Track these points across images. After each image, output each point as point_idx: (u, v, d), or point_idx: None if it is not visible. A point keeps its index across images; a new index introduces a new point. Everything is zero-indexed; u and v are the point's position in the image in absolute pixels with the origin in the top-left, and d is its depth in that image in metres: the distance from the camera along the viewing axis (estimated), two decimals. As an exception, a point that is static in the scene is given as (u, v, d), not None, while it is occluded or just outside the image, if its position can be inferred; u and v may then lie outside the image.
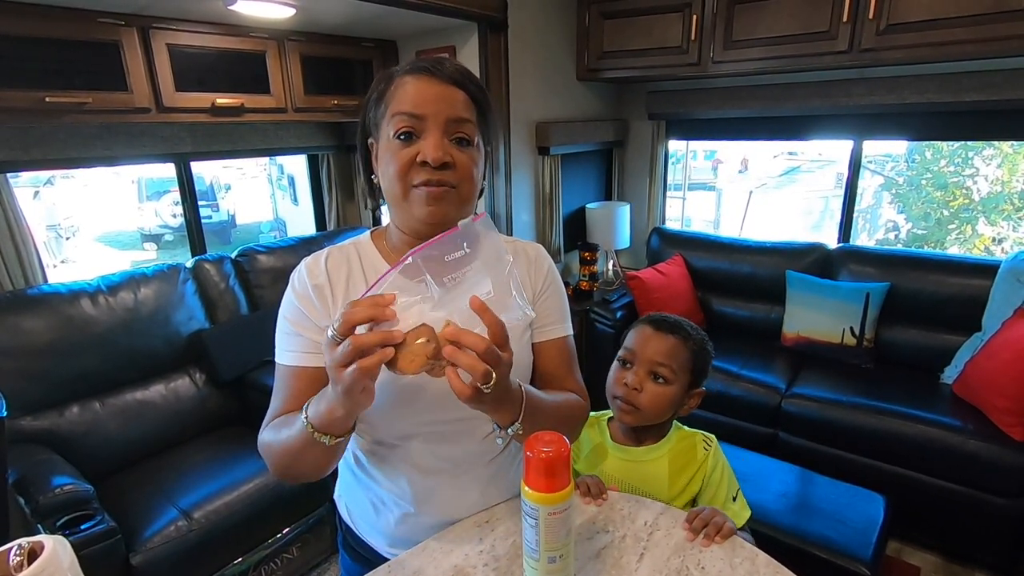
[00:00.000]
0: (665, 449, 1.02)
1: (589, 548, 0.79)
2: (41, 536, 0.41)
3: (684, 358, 1.00)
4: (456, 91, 0.74)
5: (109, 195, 9.02)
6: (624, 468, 1.01)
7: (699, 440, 1.03)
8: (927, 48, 2.03)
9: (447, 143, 0.73)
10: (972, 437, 1.88)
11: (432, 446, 0.82)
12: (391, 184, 0.75)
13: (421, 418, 0.80)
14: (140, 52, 1.87)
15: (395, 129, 0.73)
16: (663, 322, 1.02)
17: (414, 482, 0.82)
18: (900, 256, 2.46)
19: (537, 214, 2.83)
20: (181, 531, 1.60)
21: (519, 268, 0.88)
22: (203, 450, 1.99)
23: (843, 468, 2.06)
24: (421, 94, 0.72)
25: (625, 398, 0.99)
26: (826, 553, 1.54)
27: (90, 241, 8.74)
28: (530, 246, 0.92)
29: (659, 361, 0.98)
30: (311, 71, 2.34)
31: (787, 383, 2.29)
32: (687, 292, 2.80)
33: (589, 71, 2.82)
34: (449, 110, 0.73)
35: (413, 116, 0.72)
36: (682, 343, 1.00)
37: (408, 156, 0.73)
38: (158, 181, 8.20)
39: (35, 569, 0.38)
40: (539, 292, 0.89)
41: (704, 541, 0.79)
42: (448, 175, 0.73)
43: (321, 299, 0.78)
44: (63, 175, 8.38)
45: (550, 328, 0.88)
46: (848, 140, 2.68)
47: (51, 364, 1.82)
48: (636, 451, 1.02)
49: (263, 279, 2.40)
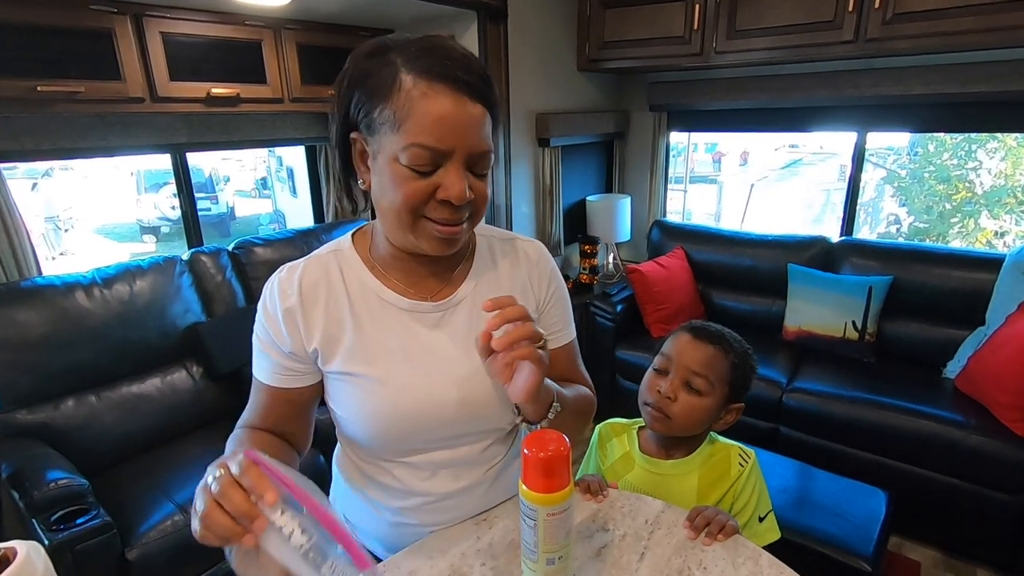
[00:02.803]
0: (696, 463, 0.97)
1: (589, 547, 0.77)
2: (15, 542, 0.39)
3: (723, 369, 0.94)
4: (480, 110, 0.65)
5: (108, 187, 8.99)
6: (651, 481, 0.97)
7: (735, 454, 0.97)
8: (933, 38, 2.00)
9: (468, 176, 0.66)
10: (974, 432, 1.86)
11: (432, 457, 0.79)
12: (396, 211, 0.66)
13: (421, 437, 0.77)
14: (133, 40, 1.84)
15: (411, 160, 0.63)
16: (703, 330, 0.96)
17: (412, 491, 0.80)
18: (903, 249, 2.44)
19: (537, 206, 2.81)
20: (177, 525, 1.59)
21: (517, 270, 0.83)
22: (199, 444, 1.98)
23: (845, 463, 2.04)
24: (446, 120, 0.62)
25: (656, 405, 0.94)
26: (827, 549, 1.53)
27: (89, 233, 8.72)
28: (530, 245, 0.86)
29: (695, 370, 0.93)
30: (308, 60, 2.31)
31: (788, 377, 2.27)
32: (688, 285, 2.78)
33: (590, 61, 2.79)
34: (474, 141, 0.64)
35: (437, 151, 0.63)
36: (722, 354, 0.94)
37: (425, 189, 0.64)
38: (157, 173, 8.17)
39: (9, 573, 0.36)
40: (545, 300, 0.85)
41: (706, 540, 0.77)
42: (466, 210, 0.68)
43: (290, 323, 0.72)
44: (61, 167, 8.34)
45: (558, 335, 0.86)
46: (852, 132, 2.65)
47: (46, 357, 1.80)
48: (664, 464, 0.97)
49: (260, 271, 2.38)
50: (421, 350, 0.75)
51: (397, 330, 0.75)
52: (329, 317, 0.73)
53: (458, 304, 0.78)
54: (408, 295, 0.76)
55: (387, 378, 0.73)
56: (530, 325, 0.62)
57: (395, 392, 0.73)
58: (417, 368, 0.74)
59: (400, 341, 0.75)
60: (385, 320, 0.75)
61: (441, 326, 0.77)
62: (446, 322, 0.77)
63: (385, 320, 0.75)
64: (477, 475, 0.82)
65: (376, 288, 0.75)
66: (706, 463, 0.97)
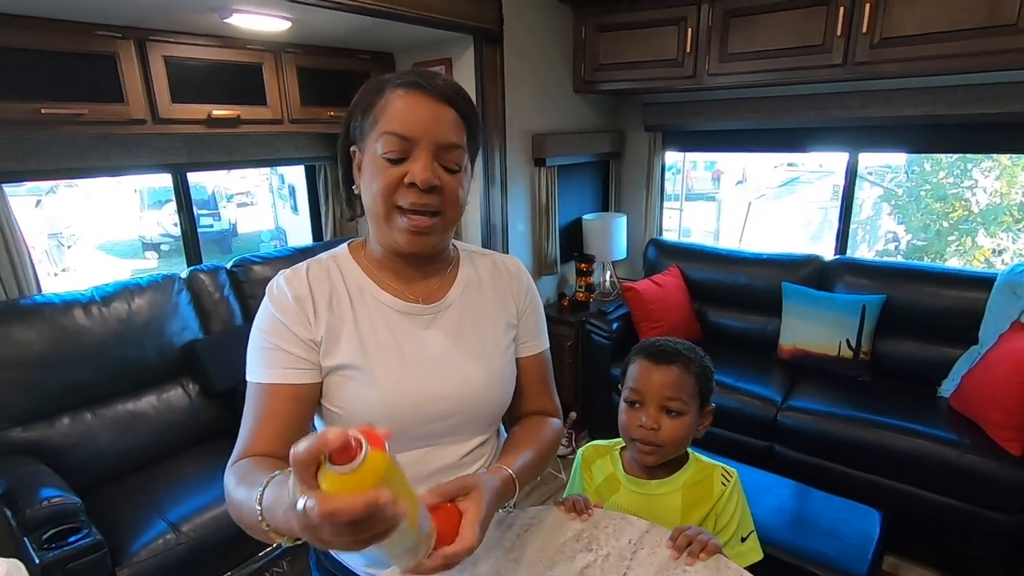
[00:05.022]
0: (679, 482, 0.98)
1: (572, 567, 0.78)
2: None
3: (690, 385, 0.96)
4: (447, 110, 0.73)
5: (111, 204, 9.08)
6: (636, 501, 0.98)
7: (718, 474, 0.98)
8: (920, 62, 2.04)
9: (436, 166, 0.73)
10: (969, 451, 1.86)
11: (415, 455, 0.81)
12: (374, 202, 0.74)
13: (414, 432, 0.79)
14: (136, 64, 1.88)
15: (384, 148, 0.71)
16: (661, 353, 0.97)
17: None
18: (896, 268, 2.46)
19: (533, 225, 2.84)
20: (169, 544, 1.59)
21: (499, 280, 0.90)
22: (194, 462, 1.98)
23: (840, 482, 2.04)
24: (412, 113, 0.71)
25: (644, 440, 0.95)
26: (821, 569, 1.52)
27: (91, 249, 8.78)
28: (509, 260, 0.93)
29: (668, 395, 0.94)
30: (308, 83, 2.35)
31: (783, 396, 2.28)
32: (683, 303, 2.80)
33: (585, 83, 2.84)
34: (440, 133, 0.72)
35: (403, 138, 0.71)
36: (684, 371, 0.96)
37: (395, 177, 0.72)
38: (159, 190, 8.25)
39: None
40: (522, 309, 0.91)
41: (688, 559, 0.78)
42: (435, 199, 0.73)
43: (302, 310, 0.76)
44: (66, 184, 8.43)
45: (531, 344, 0.92)
46: (844, 152, 2.69)
47: (42, 375, 1.81)
48: (649, 484, 0.99)
49: (257, 289, 2.40)
50: (415, 349, 0.79)
51: (393, 329, 0.79)
52: (332, 312, 0.77)
53: (448, 307, 0.84)
54: (402, 297, 0.81)
55: (384, 374, 0.77)
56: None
57: (392, 387, 0.77)
58: (411, 365, 0.79)
59: (396, 340, 0.79)
60: (381, 320, 0.79)
61: (433, 327, 0.82)
62: (437, 323, 0.82)
63: (381, 320, 0.79)
64: None
65: (372, 290, 0.80)
66: (689, 482, 0.98)
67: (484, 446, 0.87)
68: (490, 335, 0.85)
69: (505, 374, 0.86)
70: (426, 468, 0.81)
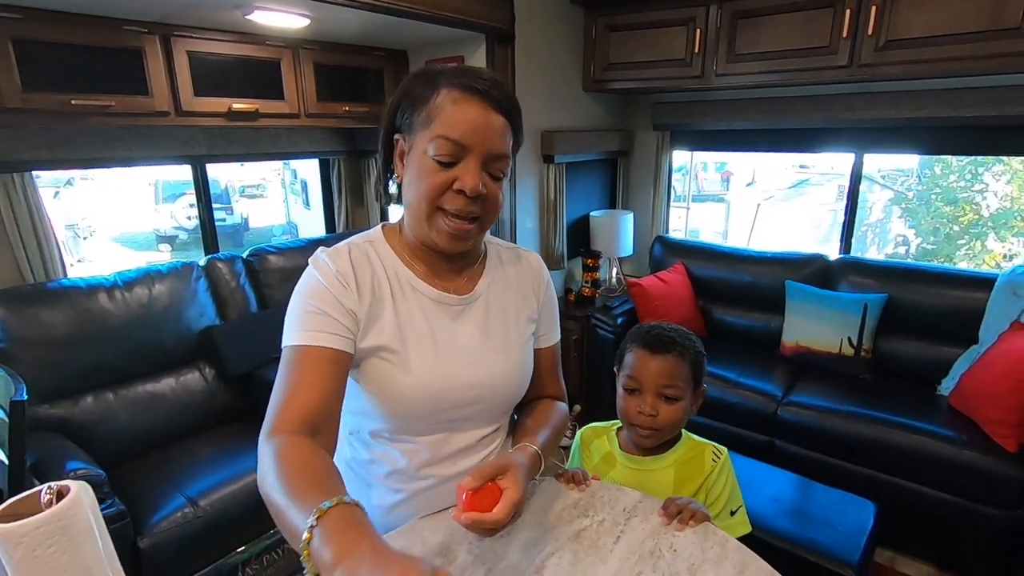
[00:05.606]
0: (672, 459, 1.03)
1: (568, 530, 0.83)
2: (67, 480, 0.46)
3: (685, 372, 1.01)
4: (500, 118, 0.75)
5: (126, 197, 9.21)
6: (632, 477, 1.03)
7: (709, 451, 1.04)
8: (925, 64, 2.07)
9: (483, 175, 0.75)
10: (966, 448, 1.89)
11: (441, 439, 0.86)
12: (418, 200, 0.76)
13: (439, 416, 0.84)
14: (161, 58, 1.96)
15: (436, 151, 0.73)
16: (657, 342, 1.02)
17: (411, 473, 0.86)
18: (898, 268, 2.49)
19: (541, 221, 2.89)
20: (187, 517, 1.66)
21: (523, 276, 0.94)
22: (210, 442, 2.05)
23: (838, 476, 2.07)
24: (471, 122, 0.73)
25: (644, 425, 1.01)
26: (815, 556, 1.57)
27: (106, 241, 8.92)
28: (531, 255, 0.98)
29: (665, 383, 1.00)
30: (324, 78, 2.42)
31: (784, 391, 2.31)
32: (688, 300, 2.84)
33: (595, 82, 2.88)
34: (491, 143, 0.75)
35: (458, 145, 0.73)
36: (680, 359, 1.01)
37: (444, 180, 0.74)
38: (174, 184, 8.37)
39: (62, 506, 0.44)
40: (542, 304, 0.96)
41: (678, 526, 0.83)
42: (478, 207, 0.77)
43: (348, 285, 0.78)
44: (82, 176, 8.58)
45: (547, 336, 0.98)
46: (850, 153, 2.72)
47: (67, 355, 1.89)
48: (644, 461, 1.04)
49: (272, 279, 2.47)
50: (447, 338, 0.84)
51: (427, 318, 0.83)
52: (373, 294, 0.80)
53: (477, 300, 0.88)
54: (436, 286, 0.85)
55: (418, 361, 0.81)
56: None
57: (424, 374, 0.81)
58: (443, 354, 0.83)
59: (430, 328, 0.83)
60: (417, 307, 0.83)
61: (462, 318, 0.86)
62: (467, 314, 0.87)
63: (417, 307, 0.83)
64: (473, 462, 0.89)
65: (409, 278, 0.84)
66: (682, 459, 1.03)
67: (498, 431, 0.93)
68: (514, 328, 0.90)
69: (525, 366, 0.92)
70: (446, 449, 0.87)
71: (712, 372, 2.42)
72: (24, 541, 0.42)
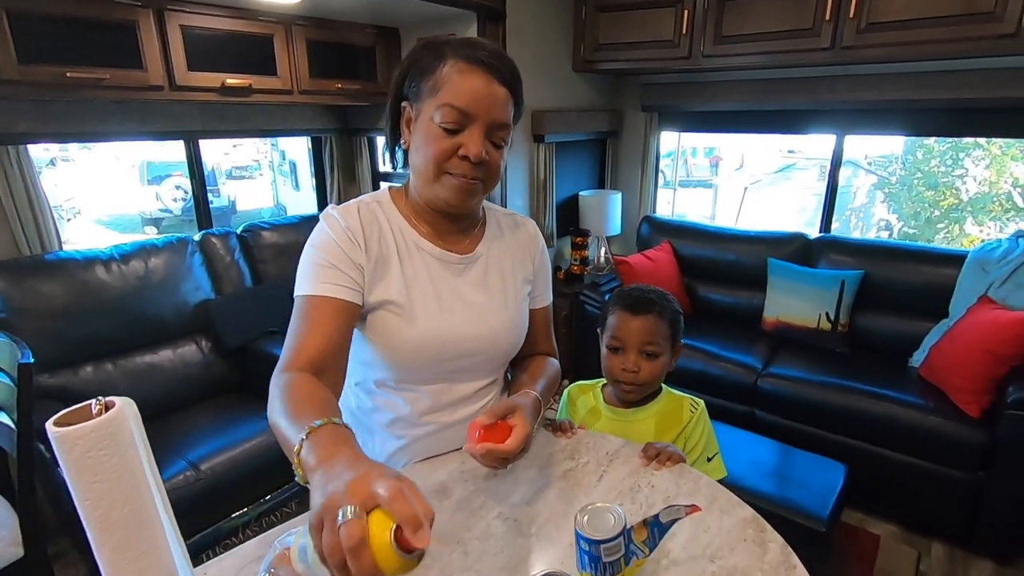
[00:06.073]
0: (653, 411, 1.11)
1: (556, 471, 0.91)
2: (112, 398, 0.52)
3: (664, 330, 1.08)
4: (503, 90, 0.80)
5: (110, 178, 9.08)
6: (616, 427, 1.11)
7: (687, 403, 1.12)
8: (905, 47, 2.14)
9: (486, 142, 0.80)
10: (932, 414, 2.00)
11: (441, 389, 0.92)
12: (425, 164, 0.82)
13: (441, 367, 0.90)
14: (155, 32, 1.97)
15: (442, 118, 0.78)
16: (638, 303, 1.09)
17: (412, 420, 0.92)
18: (875, 246, 2.58)
19: (531, 200, 2.94)
20: (189, 480, 1.72)
21: (521, 240, 1.01)
22: (208, 412, 2.10)
23: (814, 443, 2.17)
24: (476, 92, 0.78)
25: (627, 381, 1.08)
26: (788, 513, 1.66)
27: (90, 223, 8.82)
28: (529, 223, 1.05)
29: (646, 341, 1.07)
30: (316, 55, 2.44)
31: (764, 364, 2.41)
32: (673, 278, 2.92)
33: (585, 62, 2.92)
34: (496, 113, 0.80)
35: (463, 113, 0.78)
36: (659, 318, 1.08)
37: (449, 146, 0.79)
38: (159, 165, 8.26)
39: (110, 415, 0.49)
40: (537, 268, 1.03)
41: (656, 466, 0.91)
42: (481, 171, 0.82)
43: (356, 240, 0.83)
44: (63, 158, 8.46)
45: (541, 298, 1.05)
46: (831, 135, 2.79)
47: (67, 326, 1.93)
48: (627, 412, 1.12)
49: (266, 254, 2.51)
50: (449, 293, 0.90)
51: (431, 275, 0.89)
52: (380, 250, 0.86)
53: (478, 260, 0.94)
54: (439, 246, 0.91)
55: (423, 314, 0.87)
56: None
57: (428, 327, 0.87)
58: (446, 309, 0.89)
59: (433, 283, 0.89)
60: (422, 265, 0.89)
61: (464, 275, 0.92)
62: (468, 273, 0.93)
63: (422, 265, 0.89)
64: (471, 411, 0.96)
65: (414, 237, 0.90)
66: (662, 411, 1.11)
67: (495, 384, 1.00)
68: (511, 287, 0.97)
69: (521, 323, 0.98)
70: (446, 398, 0.93)
71: (696, 346, 2.51)
72: (79, 443, 0.47)
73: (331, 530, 0.46)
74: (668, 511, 0.66)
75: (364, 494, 0.48)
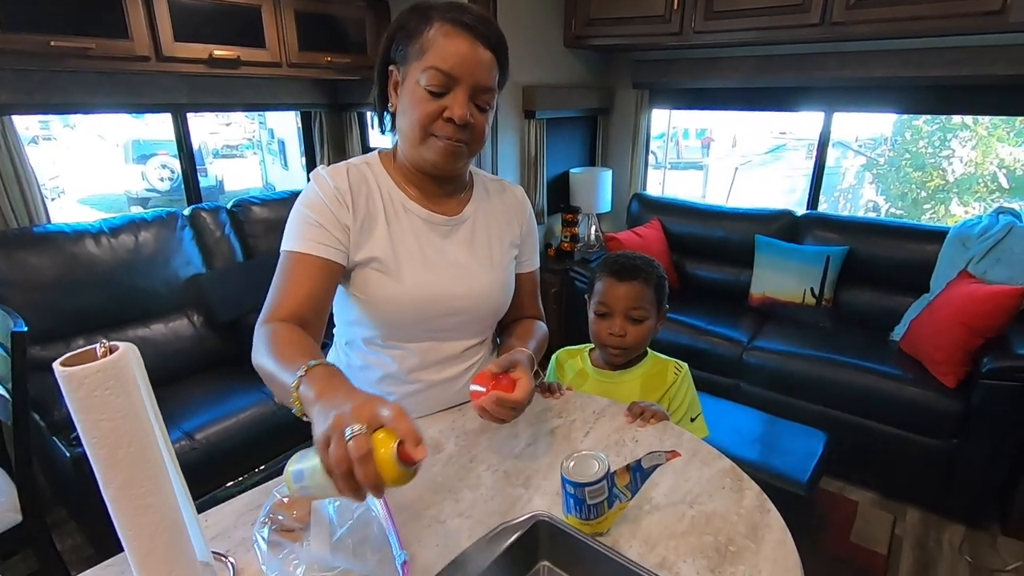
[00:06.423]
0: (639, 373, 1.15)
1: (544, 428, 0.94)
2: (116, 342, 0.54)
3: (650, 295, 1.12)
4: (488, 54, 0.81)
5: (95, 157, 8.92)
6: (603, 388, 1.15)
7: (671, 366, 1.16)
8: (892, 23, 2.16)
9: (471, 105, 0.82)
10: (911, 385, 2.06)
11: (428, 347, 0.94)
12: (411, 127, 0.83)
13: (427, 325, 0.92)
14: (141, 1, 1.94)
15: (427, 81, 0.80)
16: (624, 270, 1.12)
17: (401, 377, 0.95)
18: (860, 223, 2.62)
19: (522, 176, 2.95)
20: (184, 449, 1.74)
21: (508, 204, 1.03)
22: (201, 385, 2.12)
23: (797, 415, 2.22)
24: (460, 55, 0.79)
25: (614, 345, 1.12)
26: (769, 478, 1.72)
27: (75, 203, 8.69)
28: (516, 188, 1.07)
29: (632, 307, 1.11)
30: (305, 27, 2.41)
31: (749, 338, 2.46)
32: (663, 255, 2.95)
33: (576, 38, 2.91)
34: (480, 76, 0.81)
35: (448, 76, 0.79)
36: (644, 284, 1.11)
37: (435, 109, 0.81)
38: (145, 143, 8.13)
39: (115, 357, 0.51)
40: (524, 233, 1.05)
41: (640, 423, 0.94)
42: (466, 134, 0.84)
43: (343, 200, 0.85)
44: (46, 136, 8.29)
45: (528, 262, 1.07)
46: (820, 112, 2.81)
47: (57, 298, 1.93)
48: (613, 374, 1.16)
49: (257, 229, 2.51)
50: (435, 253, 0.92)
51: (417, 235, 0.91)
52: (368, 210, 0.88)
53: (464, 222, 0.96)
54: (426, 207, 0.92)
55: (409, 272, 0.89)
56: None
57: (414, 285, 0.89)
58: (432, 268, 0.91)
59: (419, 243, 0.91)
60: (408, 225, 0.91)
61: (450, 236, 0.94)
62: (454, 235, 0.95)
63: (408, 225, 0.91)
64: (458, 370, 0.98)
65: (402, 199, 0.92)
66: (647, 373, 1.15)
67: (482, 345, 1.03)
68: (497, 249, 0.99)
69: (507, 283, 1.01)
70: (433, 356, 0.95)
71: (683, 321, 2.56)
72: (86, 383, 0.49)
73: (339, 444, 0.52)
74: (650, 456, 0.70)
75: (369, 415, 0.53)
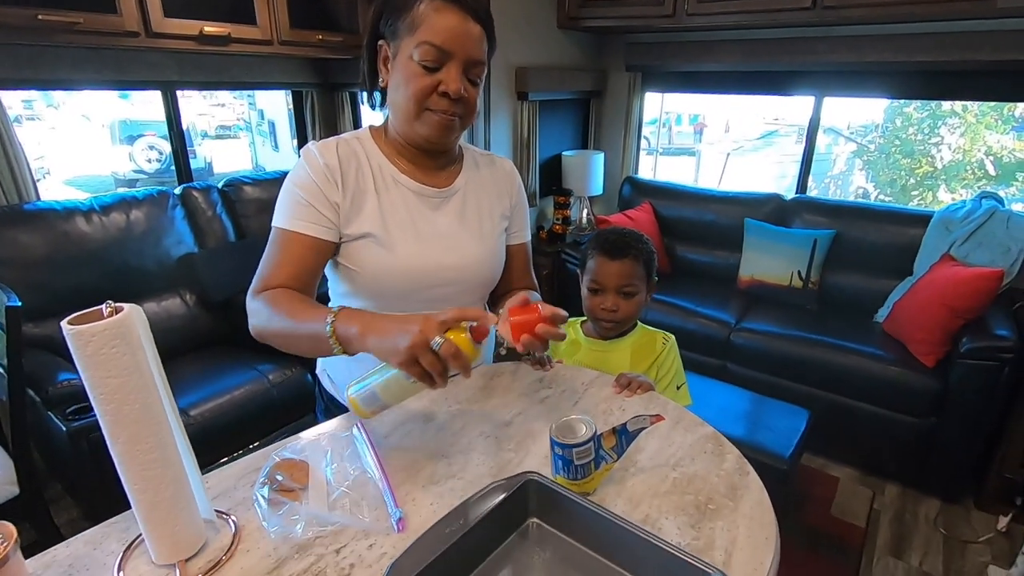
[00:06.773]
0: (628, 343, 1.19)
1: (535, 398, 0.97)
2: (121, 304, 0.56)
3: (640, 271, 1.16)
4: (477, 27, 0.83)
5: (81, 138, 8.78)
6: (594, 358, 1.19)
7: (659, 337, 1.20)
8: (882, 8, 2.18)
9: (463, 79, 0.84)
10: (892, 365, 2.12)
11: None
12: (406, 102, 0.85)
13: (419, 295, 0.94)
14: (129, -25, 1.91)
15: (420, 56, 0.81)
16: (614, 248, 1.16)
17: None
18: (847, 206, 2.66)
19: (514, 158, 2.95)
20: (179, 424, 1.76)
21: (497, 177, 1.05)
22: (194, 364, 2.13)
23: (782, 393, 2.28)
24: (452, 29, 0.81)
25: (607, 319, 1.16)
26: (753, 452, 1.73)
27: (61, 185, 8.57)
28: (505, 161, 1.09)
29: (624, 283, 1.14)
30: (297, 4, 2.38)
31: (737, 319, 2.50)
32: (653, 238, 2.97)
33: (569, 19, 2.90)
34: (472, 50, 0.83)
35: (441, 51, 0.81)
36: (635, 260, 1.15)
37: (429, 84, 0.82)
38: (132, 124, 8.00)
39: (121, 316, 0.54)
40: (514, 205, 1.07)
41: (627, 393, 0.97)
42: (460, 107, 0.86)
43: (332, 178, 0.87)
44: (30, 116, 8.14)
45: (518, 234, 1.09)
46: (810, 96, 2.84)
47: (49, 276, 1.93)
48: (604, 344, 1.20)
49: (249, 208, 2.50)
50: (426, 224, 0.94)
51: (408, 208, 0.93)
52: (357, 185, 0.89)
53: (455, 194, 0.98)
54: (417, 180, 0.94)
55: (401, 244, 0.91)
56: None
57: (407, 256, 0.91)
58: (424, 239, 0.93)
59: (410, 215, 0.93)
60: (399, 198, 0.93)
61: (441, 208, 0.96)
62: (445, 206, 0.97)
63: (399, 198, 0.93)
64: None
65: (392, 172, 0.93)
66: (637, 343, 1.19)
67: None
68: (487, 221, 1.01)
69: (498, 253, 1.03)
70: None
71: (672, 303, 2.60)
72: (93, 341, 0.52)
73: (428, 355, 0.65)
74: (635, 420, 0.73)
75: (437, 325, 0.66)
